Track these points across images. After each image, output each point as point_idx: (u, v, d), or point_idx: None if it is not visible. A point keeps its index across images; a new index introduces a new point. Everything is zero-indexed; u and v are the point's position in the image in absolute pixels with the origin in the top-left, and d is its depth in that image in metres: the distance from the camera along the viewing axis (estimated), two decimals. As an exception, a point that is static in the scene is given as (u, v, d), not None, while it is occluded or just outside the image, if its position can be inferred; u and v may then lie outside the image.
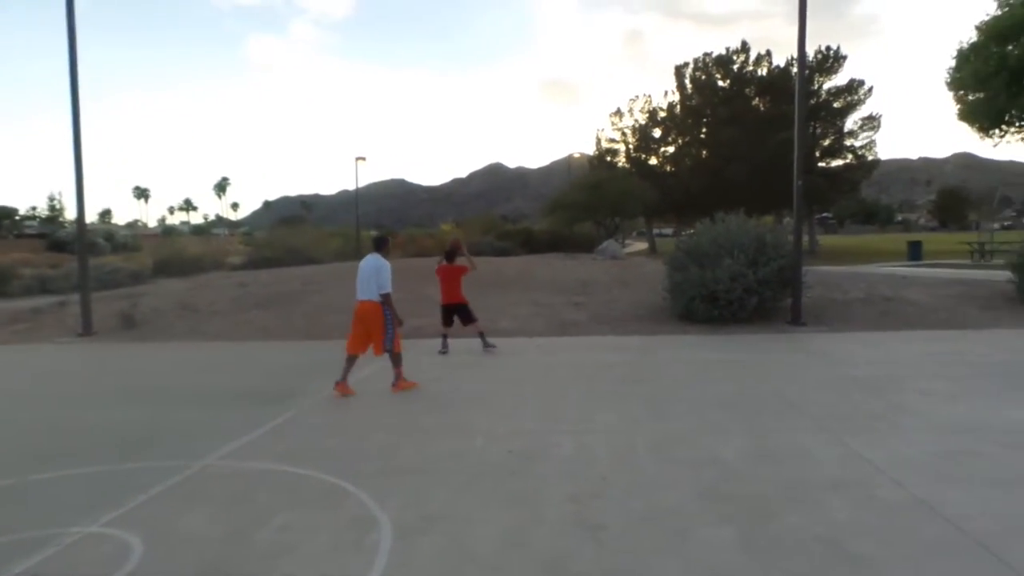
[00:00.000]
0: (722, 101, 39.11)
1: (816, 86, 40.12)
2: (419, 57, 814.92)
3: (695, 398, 6.86)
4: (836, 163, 42.29)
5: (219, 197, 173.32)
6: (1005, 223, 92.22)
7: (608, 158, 45.28)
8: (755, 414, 6.19)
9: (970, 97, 23.39)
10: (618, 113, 44.51)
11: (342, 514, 4.14)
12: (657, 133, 43.83)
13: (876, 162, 42.80)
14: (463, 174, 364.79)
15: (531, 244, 38.30)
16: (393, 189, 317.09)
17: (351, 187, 77.18)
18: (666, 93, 44.96)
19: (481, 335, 10.09)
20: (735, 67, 40.05)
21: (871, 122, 40.90)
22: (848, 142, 41.46)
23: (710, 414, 6.23)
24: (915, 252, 32.33)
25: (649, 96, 45.43)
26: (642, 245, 55.30)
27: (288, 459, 5.21)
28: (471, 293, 10.36)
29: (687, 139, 42.62)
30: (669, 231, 64.65)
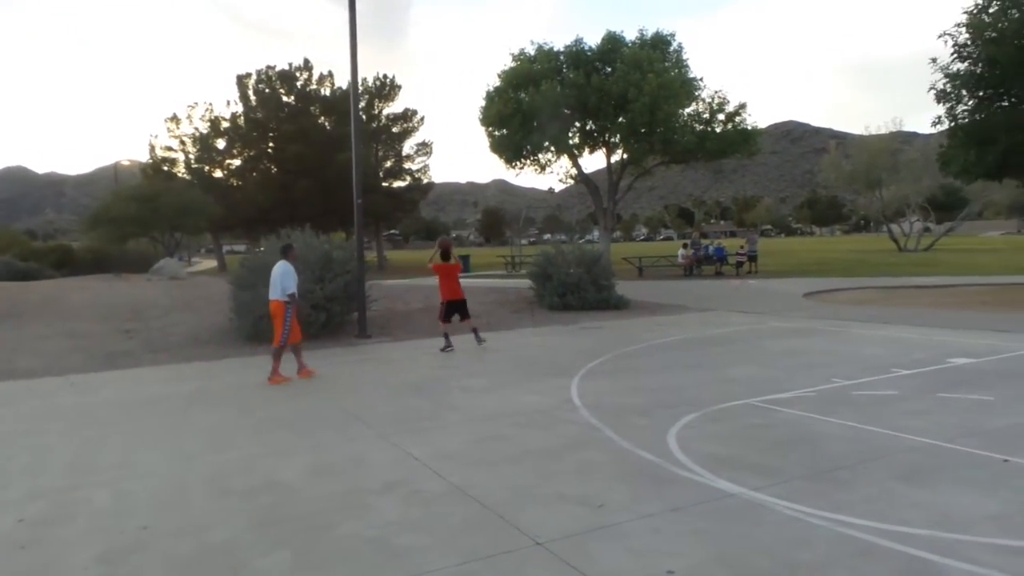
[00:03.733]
0: (288, 117, 39.08)
1: (376, 111, 43.07)
2: None
3: (257, 422, 6.63)
4: (398, 184, 46.03)
5: None
6: (531, 239, 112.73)
7: (166, 168, 41.15)
8: (317, 430, 6.26)
9: (496, 133, 27.85)
10: (175, 119, 40.83)
11: None
12: (221, 144, 41.53)
13: (431, 184, 47.96)
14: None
15: (71, 264, 32.55)
16: None
17: None
18: (228, 103, 43.03)
19: (475, 331, 10.81)
20: (299, 84, 40.44)
21: (425, 148, 45.69)
22: (407, 165, 45.54)
23: (272, 436, 6.08)
24: (463, 265, 37.14)
25: (210, 104, 42.91)
26: (212, 263, 51.75)
27: None
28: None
29: (254, 152, 41.37)
30: (243, 247, 61.81)
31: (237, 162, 42.48)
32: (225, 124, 41.03)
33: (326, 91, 41.27)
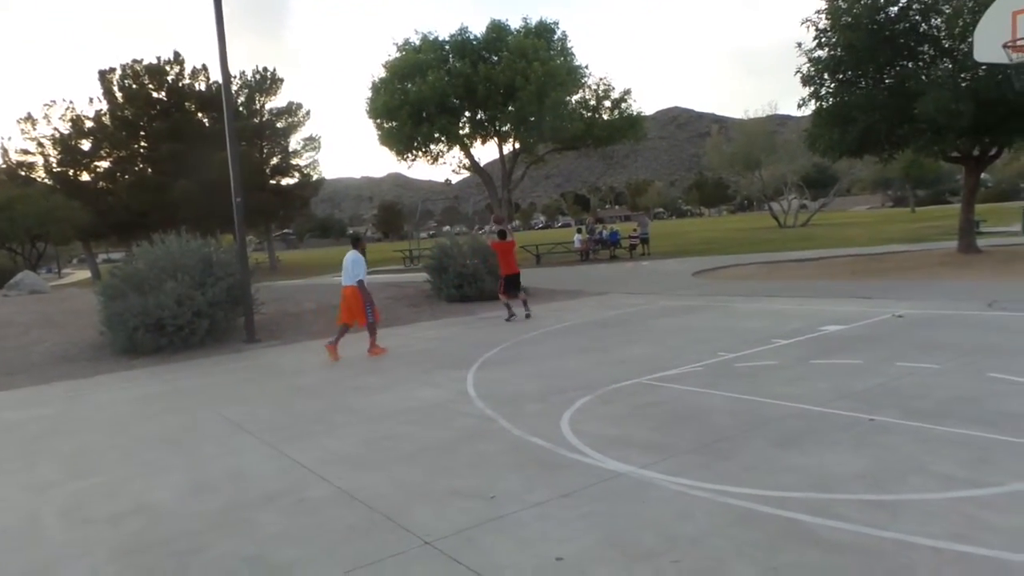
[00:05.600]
0: (160, 114, 36.69)
1: (258, 105, 41.24)
2: None
3: (128, 442, 6.13)
4: (287, 181, 44.34)
5: None
6: (430, 232, 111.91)
7: (22, 173, 37.71)
8: (195, 444, 5.86)
9: (385, 125, 27.30)
10: (30, 120, 37.45)
11: None
12: (86, 145, 38.51)
13: (321, 180, 46.53)
14: None
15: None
16: None
17: None
18: (91, 100, 39.90)
19: (525, 303, 12.07)
20: (170, 79, 38.04)
21: (313, 142, 44.20)
22: (295, 161, 43.91)
23: (144, 456, 5.63)
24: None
25: (72, 103, 39.68)
26: (86, 273, 48.10)
27: None
28: None
29: (124, 153, 38.61)
30: (121, 255, 57.82)
31: (106, 164, 39.52)
32: (89, 123, 38.06)
33: (200, 86, 39.07)
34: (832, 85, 17.47)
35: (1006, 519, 3.33)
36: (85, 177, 38.96)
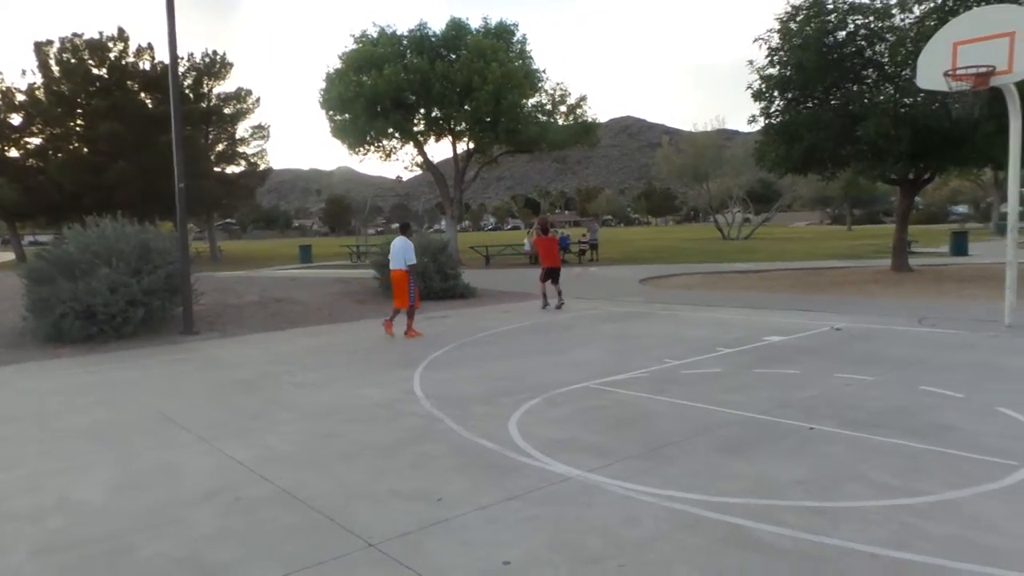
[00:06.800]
0: (100, 91, 35.10)
1: (206, 89, 39.96)
2: None
3: (54, 435, 5.81)
4: (232, 169, 43.08)
5: None
6: (378, 228, 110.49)
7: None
8: (126, 438, 5.59)
9: (338, 117, 26.80)
10: (-43, 90, 35.32)
11: None
12: (16, 120, 36.59)
13: (269, 170, 45.32)
14: None
15: None
16: None
17: None
18: (24, 72, 37.92)
19: (560, 293, 13.21)
20: (112, 55, 36.46)
21: (261, 131, 43.03)
22: (241, 149, 42.69)
23: (70, 449, 5.35)
24: (305, 255, 35.61)
25: (1, 74, 37.63)
26: (9, 255, 45.75)
27: None
28: None
29: (58, 130, 36.81)
30: (50, 238, 55.13)
31: (38, 141, 37.62)
32: (21, 97, 36.18)
33: (145, 65, 37.57)
34: (781, 103, 17.97)
35: (938, 527, 3.44)
36: (13, 153, 36.99)
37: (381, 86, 24.49)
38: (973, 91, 8.94)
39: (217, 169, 40.87)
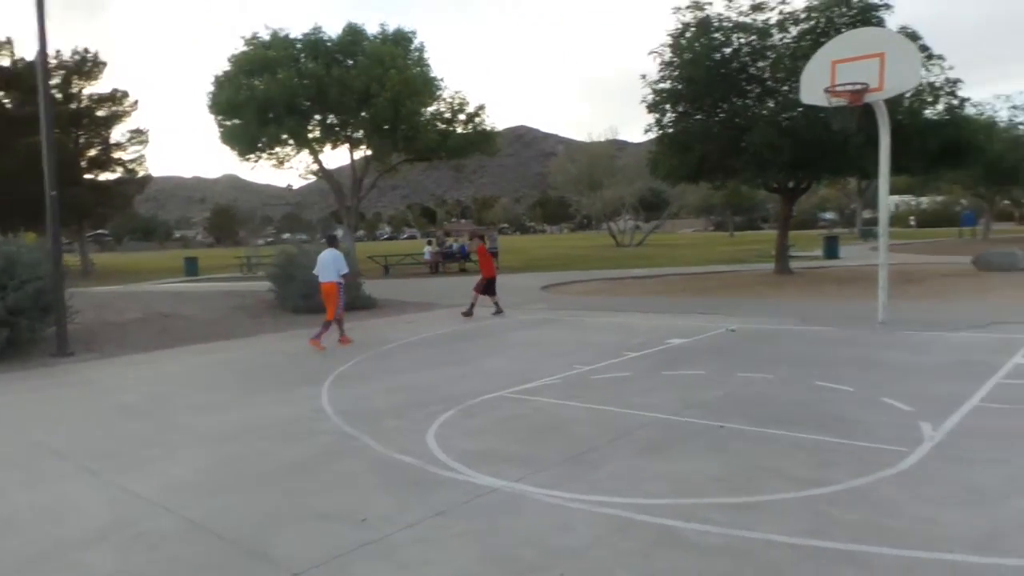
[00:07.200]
0: (-49, 92, 31.87)
1: (76, 90, 37.10)
2: None
3: (-91, 473, 5.13)
4: (106, 176, 40.13)
5: None
6: (268, 239, 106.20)
7: None
8: (2, 472, 5.02)
9: (227, 122, 25.56)
10: None
11: None
12: None
13: (148, 177, 42.53)
14: None
15: None
16: None
17: None
18: None
19: (497, 304, 13.47)
20: (-34, 53, 33.20)
21: (140, 135, 40.33)
22: (117, 154, 39.86)
23: (-69, 490, 4.74)
24: (191, 268, 33.68)
25: None
26: None
27: None
28: None
29: (-99, 133, 33.01)
30: None
31: None
32: None
33: (4, 61, 34.46)
34: (673, 115, 18.77)
35: (849, 514, 3.64)
36: None
37: (274, 91, 23.58)
38: (849, 107, 9.67)
39: (89, 176, 37.97)
